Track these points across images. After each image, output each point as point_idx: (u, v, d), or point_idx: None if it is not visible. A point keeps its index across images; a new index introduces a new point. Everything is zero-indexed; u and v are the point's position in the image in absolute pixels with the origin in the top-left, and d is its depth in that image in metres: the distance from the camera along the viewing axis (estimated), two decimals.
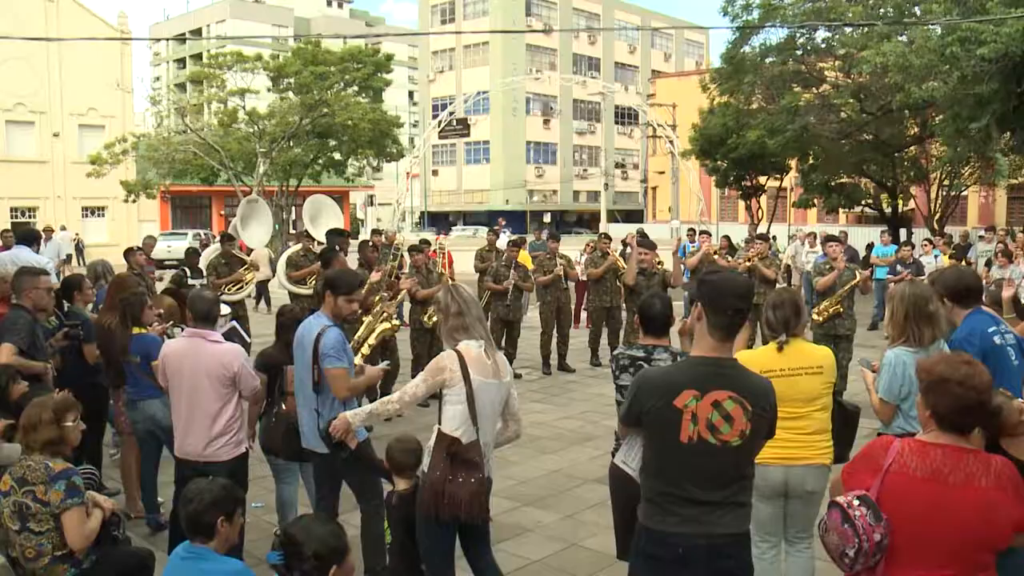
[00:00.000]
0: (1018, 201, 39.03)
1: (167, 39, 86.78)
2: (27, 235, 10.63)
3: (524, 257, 13.87)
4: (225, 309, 10.21)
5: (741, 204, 37.78)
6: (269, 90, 34.73)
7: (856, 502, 2.88)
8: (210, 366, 5.09)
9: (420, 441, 4.57)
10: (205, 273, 11.52)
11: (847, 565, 2.92)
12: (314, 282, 9.39)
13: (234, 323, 7.88)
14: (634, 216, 66.23)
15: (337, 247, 9.20)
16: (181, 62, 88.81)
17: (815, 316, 9.93)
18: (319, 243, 11.87)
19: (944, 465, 2.85)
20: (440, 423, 4.21)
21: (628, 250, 13.65)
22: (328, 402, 4.98)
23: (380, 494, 5.04)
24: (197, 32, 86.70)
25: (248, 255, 12.45)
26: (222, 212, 48.29)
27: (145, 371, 5.88)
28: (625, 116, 75.70)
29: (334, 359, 4.90)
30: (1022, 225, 32.27)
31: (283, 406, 5.56)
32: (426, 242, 13.73)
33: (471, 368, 4.17)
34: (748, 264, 12.40)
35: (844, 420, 4.75)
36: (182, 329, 6.05)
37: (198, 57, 69.77)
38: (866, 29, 19.76)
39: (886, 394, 4.62)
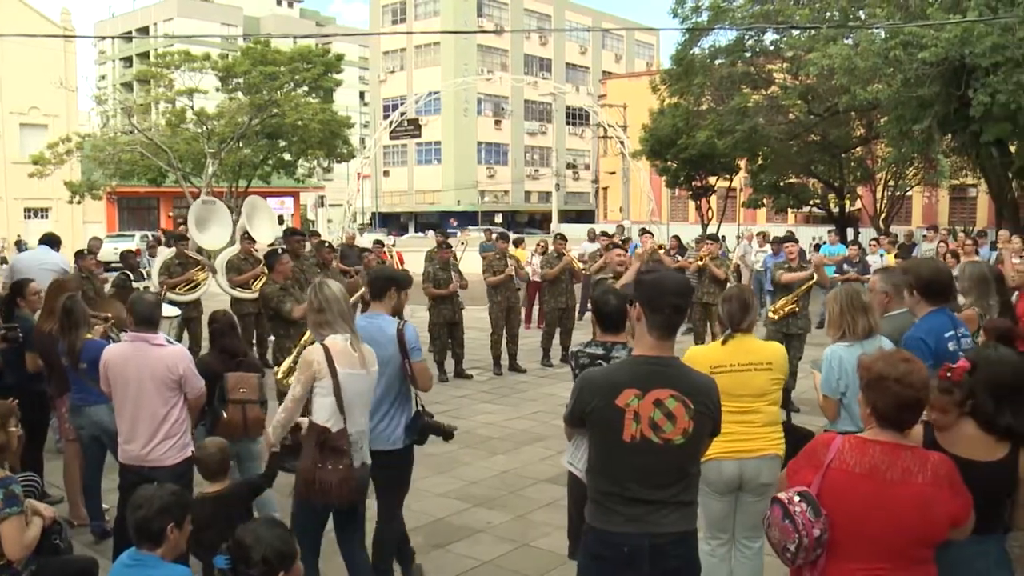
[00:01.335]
0: (959, 201, 39.83)
1: (112, 37, 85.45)
2: (50, 238, 10.89)
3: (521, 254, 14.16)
4: (174, 311, 10.07)
5: (691, 204, 38.03)
6: (218, 90, 34.31)
7: (797, 498, 2.92)
8: (156, 369, 5.01)
9: (224, 447, 4.77)
10: (158, 273, 11.36)
11: (789, 559, 2.96)
12: (262, 284, 9.26)
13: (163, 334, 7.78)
14: (585, 216, 66.49)
15: (283, 248, 9.13)
16: (127, 61, 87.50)
17: (771, 314, 10.05)
18: (270, 245, 11.74)
19: (882, 462, 2.90)
20: (312, 415, 4.39)
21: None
22: (411, 395, 5.08)
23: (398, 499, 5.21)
24: (144, 30, 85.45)
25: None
26: (170, 213, 47.63)
27: (92, 377, 5.76)
28: (576, 117, 76.03)
29: (419, 352, 5.05)
30: (963, 225, 33.04)
31: (224, 414, 5.46)
32: (380, 242, 13.73)
33: (337, 360, 4.35)
34: (699, 264, 12.50)
35: (795, 444, 4.80)
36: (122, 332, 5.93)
37: (145, 56, 68.82)
38: (813, 32, 20.02)
39: (825, 388, 4.70)
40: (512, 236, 16.78)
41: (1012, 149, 18.82)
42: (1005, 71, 15.72)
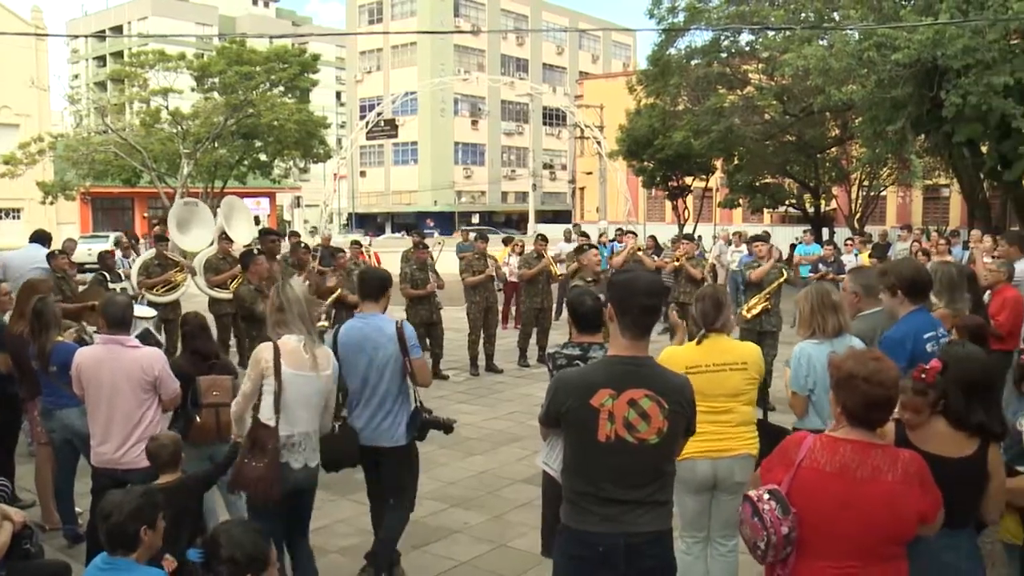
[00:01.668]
0: (932, 201, 40.20)
1: (85, 36, 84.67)
2: (40, 235, 10.99)
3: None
4: (150, 311, 9.97)
5: (668, 204, 38.19)
6: (193, 90, 34.12)
7: (766, 496, 2.95)
8: (131, 371, 4.98)
9: (176, 440, 4.81)
10: (136, 273, 11.26)
11: (760, 556, 2.99)
12: (238, 284, 9.22)
13: (148, 327, 7.68)
14: (562, 216, 66.54)
15: (258, 249, 9.09)
16: (101, 60, 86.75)
17: (744, 312, 10.10)
18: (246, 246, 11.68)
19: (852, 460, 2.92)
20: (259, 412, 4.50)
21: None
22: (411, 392, 5.23)
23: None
24: (117, 29, 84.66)
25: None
26: (145, 214, 47.28)
27: (63, 380, 5.69)
28: (553, 117, 76.11)
29: (418, 349, 5.24)
30: (937, 224, 33.34)
31: (197, 418, 5.41)
32: (357, 243, 13.68)
33: (284, 360, 4.43)
34: (676, 264, 12.55)
35: (771, 443, 4.83)
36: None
37: (119, 55, 68.27)
38: (788, 33, 20.14)
39: (794, 385, 4.74)
40: (503, 236, 16.93)
41: (983, 150, 19.00)
42: (976, 73, 15.88)
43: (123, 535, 3.40)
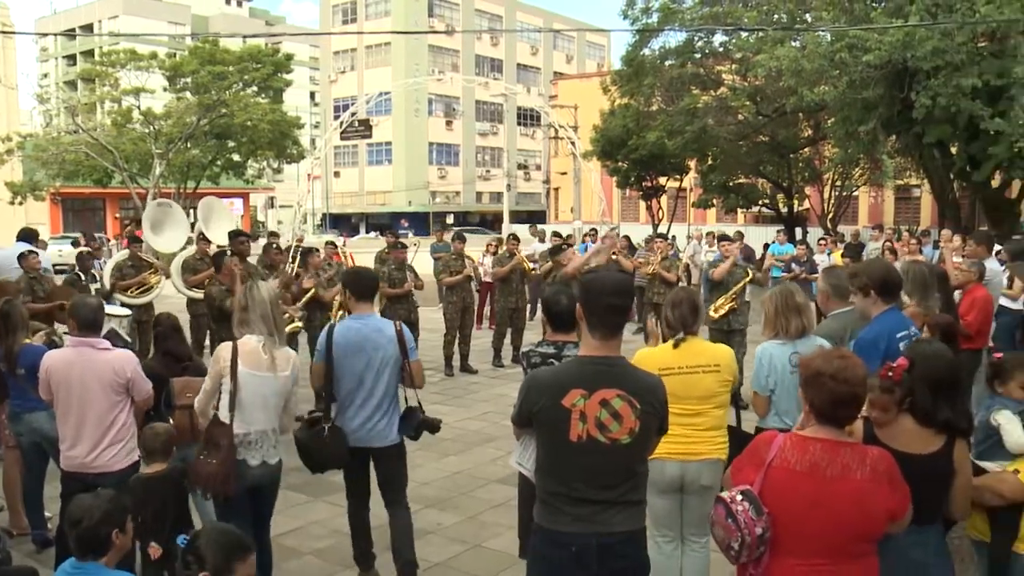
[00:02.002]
0: (904, 201, 40.55)
1: (55, 35, 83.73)
2: (28, 233, 11.14)
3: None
4: (123, 310, 9.88)
5: (642, 204, 38.31)
6: (165, 90, 33.86)
7: (739, 497, 2.96)
8: (102, 373, 4.92)
9: (170, 431, 4.95)
10: (110, 274, 11.15)
11: (733, 557, 3.00)
12: (208, 285, 9.19)
13: (112, 327, 7.60)
14: (537, 217, 66.58)
15: (229, 250, 9.05)
16: (71, 59, 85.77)
17: (711, 312, 10.16)
18: (219, 246, 11.60)
19: (822, 459, 2.95)
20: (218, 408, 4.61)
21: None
22: (398, 394, 5.27)
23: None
24: (88, 28, 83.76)
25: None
26: (117, 215, 46.86)
27: (31, 383, 5.62)
28: (527, 117, 76.11)
29: (416, 351, 5.31)
30: (908, 224, 33.65)
31: (171, 420, 5.36)
32: (332, 244, 13.64)
33: (241, 360, 4.53)
34: (650, 272, 12.63)
35: (740, 447, 4.85)
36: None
37: (89, 54, 67.66)
38: (761, 34, 20.27)
39: (755, 385, 4.78)
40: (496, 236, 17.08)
41: (953, 151, 19.21)
42: (945, 75, 16.06)
43: (94, 540, 3.37)
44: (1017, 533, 3.59)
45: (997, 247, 11.53)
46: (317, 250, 11.51)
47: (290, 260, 11.37)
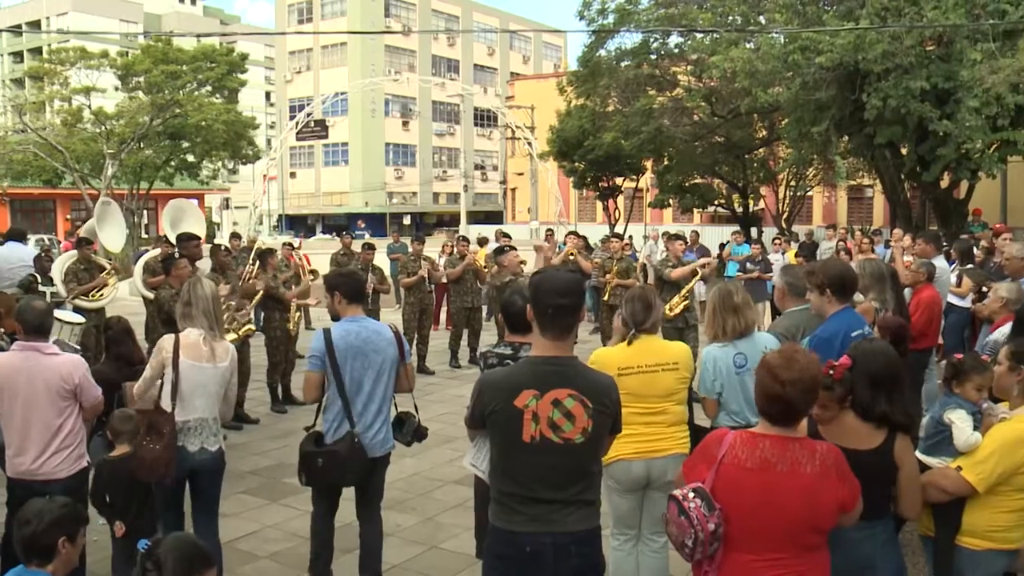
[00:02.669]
0: (856, 201, 41.13)
1: (1, 31, 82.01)
2: (17, 232, 11.32)
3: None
4: (77, 318, 9.69)
5: (599, 205, 38.47)
6: (117, 89, 33.31)
7: (691, 494, 3.00)
8: (49, 379, 4.80)
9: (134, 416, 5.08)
10: (64, 280, 10.88)
11: (687, 554, 3.03)
12: (158, 289, 9.11)
13: (60, 338, 7.46)
14: (494, 217, 66.63)
15: (180, 253, 8.97)
16: (17, 56, 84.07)
17: (667, 311, 10.26)
18: (170, 247, 11.47)
19: (772, 455, 2.99)
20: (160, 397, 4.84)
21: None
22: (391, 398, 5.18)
23: None
24: (35, 24, 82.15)
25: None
26: (68, 216, 46.08)
27: None
28: (484, 118, 76.11)
29: (410, 354, 5.23)
30: (861, 224, 34.15)
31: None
32: (289, 245, 13.57)
33: (182, 351, 4.81)
34: (610, 282, 12.68)
35: (699, 441, 4.90)
36: (10, 341, 5.68)
37: (37, 51, 66.41)
38: (715, 35, 20.46)
39: (702, 390, 4.82)
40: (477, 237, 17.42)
41: (903, 151, 19.51)
42: (895, 77, 16.32)
43: (40, 544, 3.30)
44: (959, 527, 3.66)
45: (945, 245, 11.77)
46: (275, 251, 11.45)
47: (250, 263, 11.25)
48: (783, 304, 5.43)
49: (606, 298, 12.64)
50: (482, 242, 18.18)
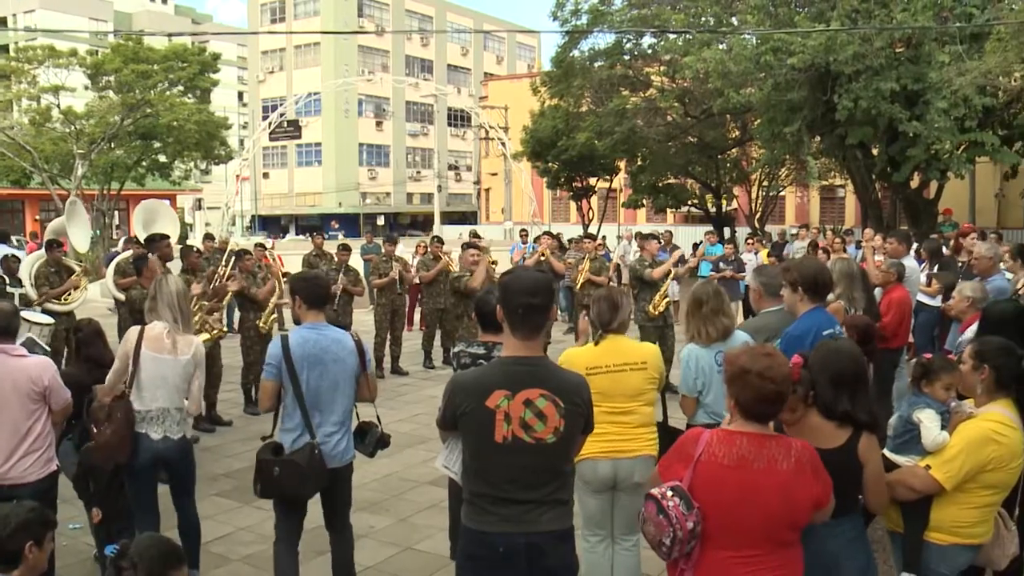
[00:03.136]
0: (829, 201, 41.43)
1: None
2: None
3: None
4: (46, 319, 9.60)
5: (572, 205, 38.54)
6: (87, 88, 32.93)
7: (670, 493, 3.02)
8: (18, 381, 4.75)
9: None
10: (35, 284, 10.73)
11: (664, 553, 3.05)
12: (130, 288, 9.05)
13: (31, 335, 7.37)
14: (468, 218, 66.59)
15: (151, 253, 8.91)
16: None
17: (651, 309, 10.44)
18: (141, 247, 11.35)
19: (749, 452, 3.02)
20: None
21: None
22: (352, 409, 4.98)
23: None
24: (1, 22, 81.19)
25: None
26: (37, 217, 45.51)
27: None
28: (458, 118, 76.02)
29: (371, 363, 5.03)
30: (833, 223, 34.42)
31: (93, 428, 5.22)
32: (262, 246, 13.51)
33: (145, 343, 5.01)
34: (581, 279, 12.74)
35: (670, 444, 4.92)
36: None
37: (4, 49, 65.56)
38: (688, 36, 20.57)
39: (683, 388, 4.86)
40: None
41: (874, 152, 19.70)
42: (865, 78, 16.50)
43: (5, 549, 3.25)
44: (927, 523, 3.71)
45: (916, 245, 11.89)
46: (249, 252, 11.39)
47: (223, 264, 11.17)
48: (759, 305, 5.47)
49: (581, 298, 12.70)
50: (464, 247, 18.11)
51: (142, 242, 11.68)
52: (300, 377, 4.64)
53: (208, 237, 14.70)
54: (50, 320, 9.49)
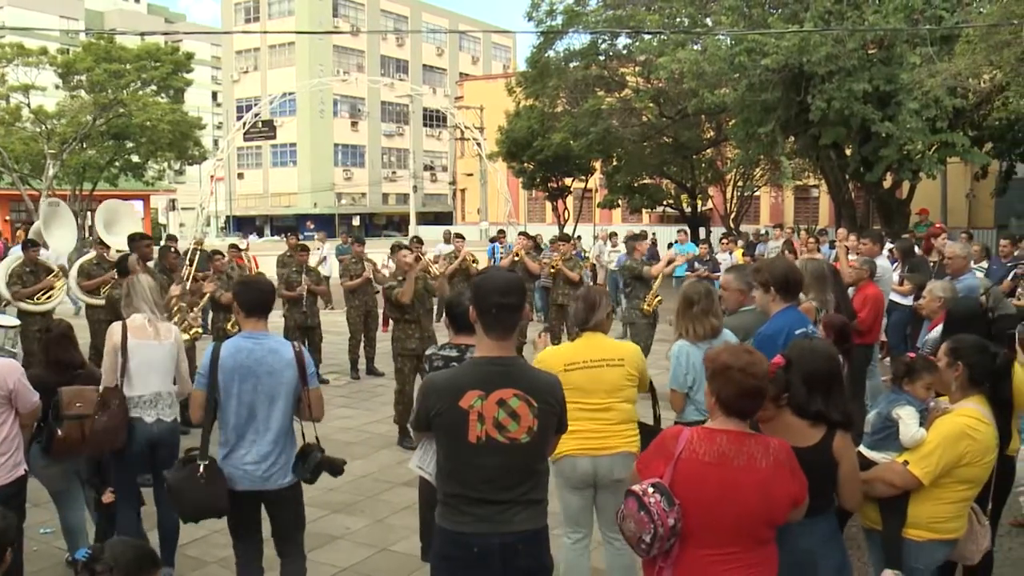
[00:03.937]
0: (803, 201, 41.72)
1: None
2: None
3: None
4: (12, 321, 9.49)
5: (548, 205, 38.59)
6: (58, 87, 32.59)
7: (651, 489, 3.02)
8: None
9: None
10: (8, 283, 10.62)
11: (644, 550, 3.05)
12: (109, 289, 8.96)
13: None
14: (443, 218, 66.51)
15: (132, 253, 8.83)
16: None
17: (645, 307, 10.65)
18: (119, 251, 11.24)
19: (729, 449, 3.04)
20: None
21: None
22: (293, 427, 4.54)
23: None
24: None
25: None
26: (7, 217, 45.04)
27: None
28: (433, 118, 75.94)
29: (316, 377, 4.62)
30: (807, 223, 34.65)
31: (59, 431, 5.13)
32: (236, 247, 13.40)
33: (131, 333, 5.29)
34: (552, 270, 12.75)
35: (650, 438, 4.92)
36: None
37: None
38: (663, 37, 20.64)
39: (673, 383, 4.87)
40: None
41: (848, 152, 19.85)
42: (838, 79, 16.62)
43: None
44: (905, 519, 3.74)
45: (889, 244, 11.99)
46: (221, 253, 11.31)
47: (187, 264, 11.08)
48: (742, 304, 5.52)
49: (555, 298, 12.68)
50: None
51: (106, 243, 11.61)
52: (231, 390, 4.31)
53: (171, 238, 14.53)
54: (16, 322, 9.36)
